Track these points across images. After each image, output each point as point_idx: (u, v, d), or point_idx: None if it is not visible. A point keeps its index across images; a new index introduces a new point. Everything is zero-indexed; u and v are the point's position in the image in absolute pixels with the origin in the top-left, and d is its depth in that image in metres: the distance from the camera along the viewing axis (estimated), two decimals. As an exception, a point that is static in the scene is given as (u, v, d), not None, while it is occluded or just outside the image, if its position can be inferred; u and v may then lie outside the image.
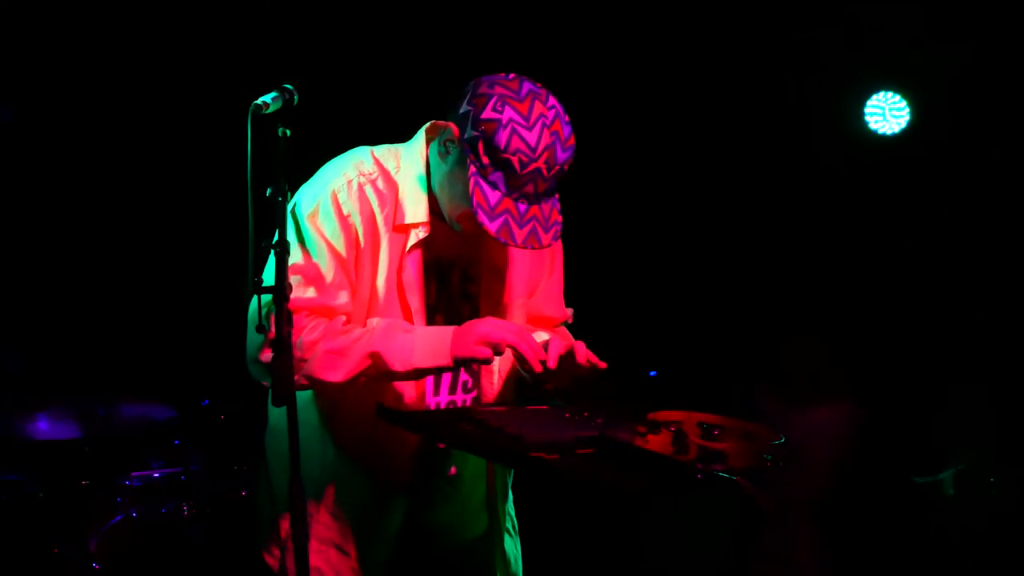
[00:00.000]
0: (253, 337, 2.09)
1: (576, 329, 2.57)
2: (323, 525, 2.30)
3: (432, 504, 2.36)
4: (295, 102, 2.05)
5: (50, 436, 3.85)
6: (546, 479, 1.88)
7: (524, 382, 2.41)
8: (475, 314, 2.36)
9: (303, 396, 2.29)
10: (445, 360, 2.13)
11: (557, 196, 2.22)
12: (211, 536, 3.81)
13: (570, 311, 2.63)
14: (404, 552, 2.31)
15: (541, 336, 2.36)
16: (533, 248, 2.17)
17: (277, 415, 2.37)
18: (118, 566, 3.66)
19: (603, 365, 2.22)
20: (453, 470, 2.39)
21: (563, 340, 2.22)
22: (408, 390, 2.29)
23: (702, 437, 2.09)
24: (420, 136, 2.32)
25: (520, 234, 2.14)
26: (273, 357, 1.89)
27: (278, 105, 2.01)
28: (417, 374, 2.16)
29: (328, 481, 2.30)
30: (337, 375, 2.13)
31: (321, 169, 2.30)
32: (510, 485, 2.51)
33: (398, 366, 2.12)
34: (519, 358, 2.12)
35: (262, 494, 2.41)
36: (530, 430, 1.98)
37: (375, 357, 2.13)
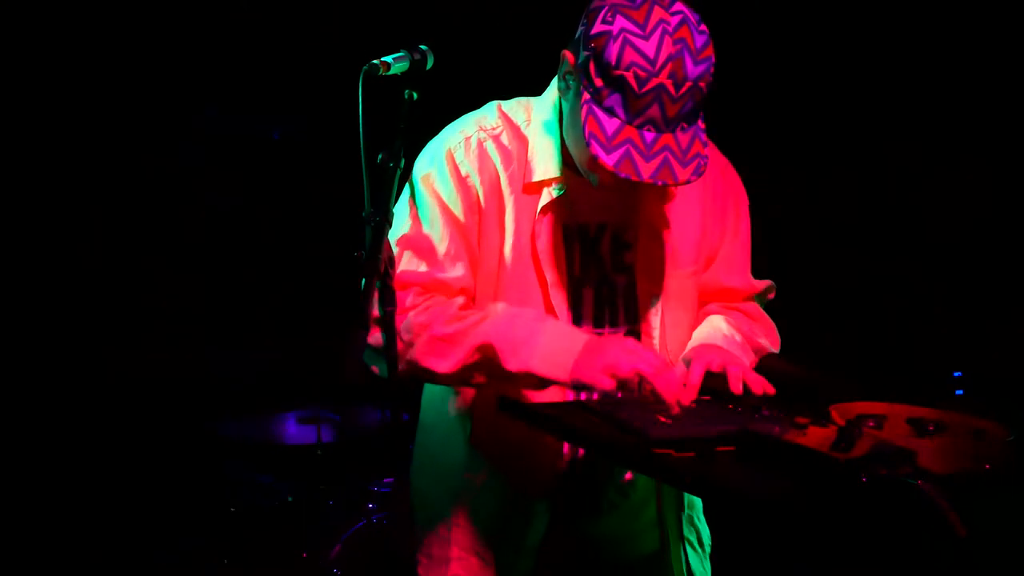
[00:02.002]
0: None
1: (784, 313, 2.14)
2: (463, 531, 2.07)
3: (595, 513, 2.05)
4: (429, 65, 1.84)
5: (297, 441, 3.91)
6: (671, 482, 1.53)
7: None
8: (631, 288, 2.00)
9: (440, 387, 2.07)
10: (563, 376, 1.81)
11: (702, 124, 1.83)
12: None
13: (766, 283, 2.19)
14: (553, 564, 2.01)
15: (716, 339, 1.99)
16: (667, 184, 1.80)
17: (426, 409, 2.17)
18: (358, 572, 3.63)
19: (771, 391, 1.80)
20: (628, 476, 2.06)
21: (711, 358, 1.84)
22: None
23: (910, 435, 1.63)
24: (554, 83, 2.01)
25: (647, 168, 1.77)
26: (353, 332, 1.67)
27: (403, 66, 1.81)
28: (532, 380, 1.85)
29: (469, 480, 2.06)
30: (443, 365, 1.87)
31: (443, 129, 2.07)
32: None
33: (513, 364, 1.83)
34: (654, 394, 1.77)
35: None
36: (663, 424, 1.63)
37: (486, 350, 1.84)
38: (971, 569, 1.45)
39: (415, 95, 1.80)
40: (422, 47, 1.83)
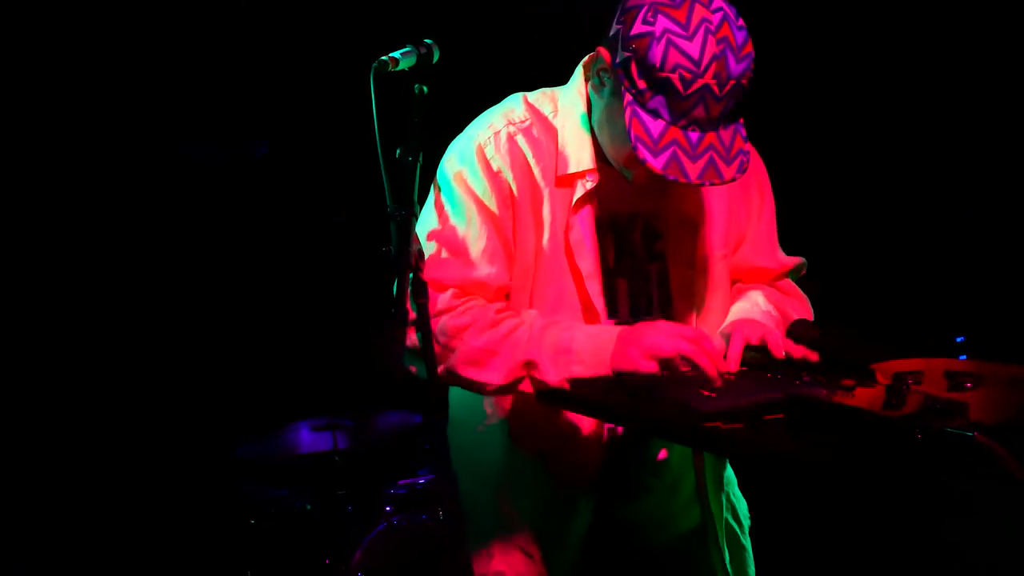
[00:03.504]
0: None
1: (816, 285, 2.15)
2: (505, 526, 2.04)
3: (631, 497, 2.04)
4: (435, 59, 1.84)
5: (312, 449, 3.88)
6: (723, 455, 1.52)
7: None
8: (664, 275, 2.00)
9: None
10: (605, 369, 1.81)
11: (741, 120, 1.83)
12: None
13: (798, 260, 2.20)
14: (596, 554, 2.00)
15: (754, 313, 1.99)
16: (713, 184, 1.79)
17: (456, 405, 2.15)
18: (382, 575, 3.61)
19: (813, 357, 1.81)
20: (663, 454, 2.06)
21: (750, 331, 1.84)
22: None
23: (949, 389, 1.64)
24: (578, 73, 2.00)
25: (694, 168, 1.77)
26: (391, 328, 1.66)
27: (411, 61, 1.81)
28: (576, 384, 1.85)
29: (507, 474, 2.04)
30: (487, 376, 1.88)
31: (470, 124, 2.05)
32: (728, 465, 2.13)
33: (553, 377, 1.83)
34: (696, 369, 1.76)
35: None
36: (708, 397, 1.62)
37: (529, 366, 1.85)
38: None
39: (425, 89, 1.79)
40: (427, 41, 1.83)
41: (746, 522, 2.18)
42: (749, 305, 2.05)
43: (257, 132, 4.11)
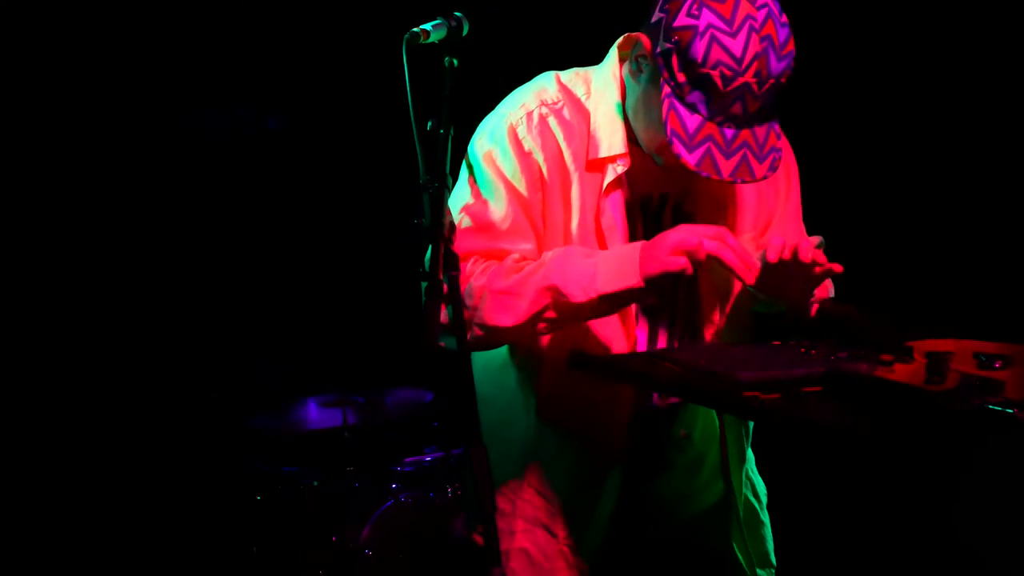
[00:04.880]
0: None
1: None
2: (529, 503, 2.03)
3: (654, 473, 2.04)
4: (464, 31, 1.82)
5: (320, 425, 3.89)
6: (763, 423, 1.53)
7: (759, 324, 2.05)
8: None
9: (499, 356, 2.05)
10: (634, 279, 1.77)
11: (776, 118, 1.83)
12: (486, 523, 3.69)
13: (817, 239, 2.20)
14: (620, 531, 2.00)
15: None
16: (744, 182, 1.79)
17: (483, 382, 2.13)
18: (388, 552, 3.62)
19: (838, 268, 1.81)
20: (683, 433, 2.06)
21: (779, 241, 1.81)
22: (616, 342, 1.98)
23: (979, 368, 1.65)
24: (613, 54, 1.98)
25: (727, 166, 1.76)
26: (426, 302, 1.66)
27: (442, 34, 1.79)
28: (604, 305, 1.81)
29: (532, 452, 2.03)
30: (511, 317, 1.84)
31: (501, 102, 2.03)
32: (748, 443, 2.13)
33: (579, 295, 1.80)
34: (724, 267, 1.75)
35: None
36: (746, 367, 1.63)
37: (553, 291, 1.82)
38: None
39: (455, 62, 1.78)
40: (457, 14, 1.82)
41: (764, 499, 2.19)
42: None
43: (275, 103, 4.09)
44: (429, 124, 1.72)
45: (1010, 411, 1.41)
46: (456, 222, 1.90)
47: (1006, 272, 3.21)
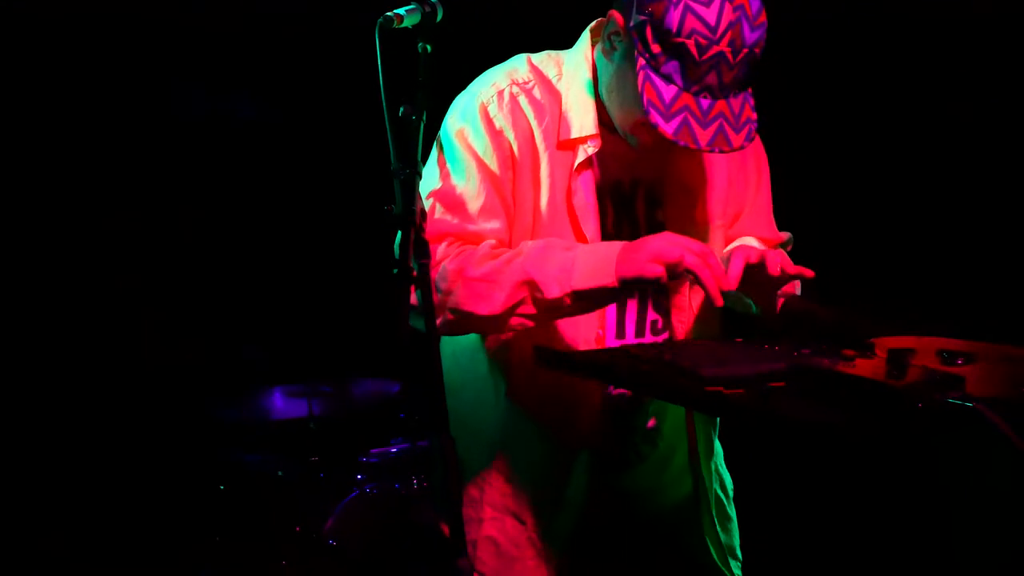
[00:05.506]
0: None
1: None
2: (497, 491, 2.04)
3: (624, 466, 2.05)
4: (439, 17, 1.82)
5: (286, 415, 3.86)
6: (727, 419, 1.54)
7: (726, 317, 2.07)
8: None
9: (469, 343, 2.06)
10: (609, 279, 1.78)
11: (750, 89, 1.84)
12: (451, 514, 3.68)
13: (786, 235, 2.23)
14: (590, 521, 2.01)
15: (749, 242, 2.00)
16: (722, 151, 1.81)
17: (452, 369, 2.14)
18: (353, 543, 3.61)
19: (809, 273, 1.83)
20: (652, 422, 2.07)
21: (748, 252, 1.83)
22: (586, 332, 1.98)
23: (942, 365, 1.67)
24: (585, 38, 2.00)
25: (704, 135, 1.78)
26: (398, 287, 1.66)
27: (415, 19, 1.79)
28: (579, 300, 1.82)
29: (502, 441, 2.04)
30: (486, 307, 1.84)
31: (473, 82, 2.04)
32: (716, 437, 2.15)
33: (555, 290, 1.80)
34: (698, 282, 1.77)
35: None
36: (710, 363, 1.64)
37: (529, 285, 1.82)
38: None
39: (429, 47, 1.78)
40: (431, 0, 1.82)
41: (731, 492, 2.21)
42: (743, 242, 2.07)
43: (247, 88, 4.06)
44: (401, 110, 1.72)
45: (969, 405, 1.44)
46: (427, 201, 1.91)
47: (979, 270, 3.25)
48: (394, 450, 3.89)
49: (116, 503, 3.83)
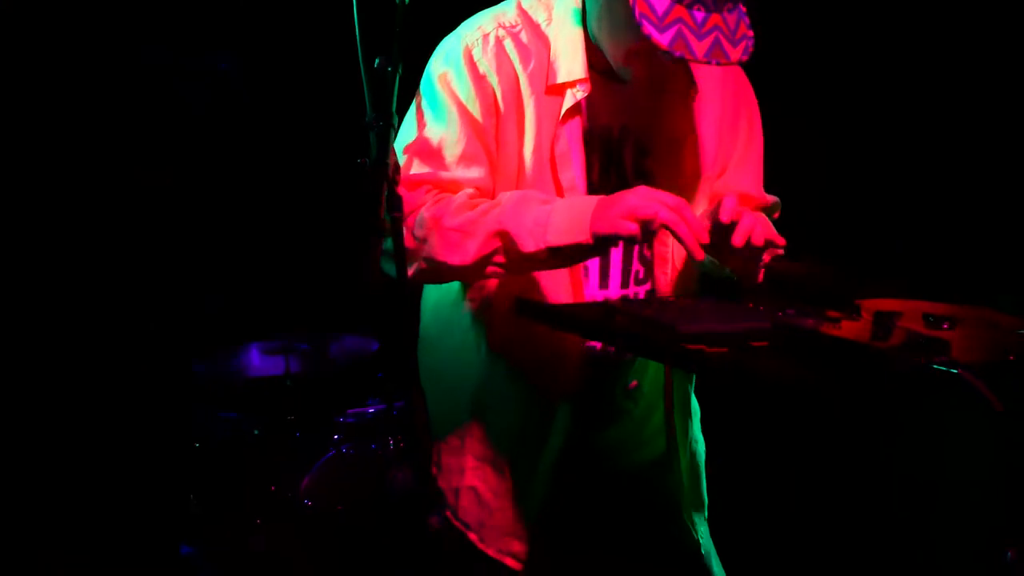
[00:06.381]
0: None
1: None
2: (479, 441, 2.03)
3: (604, 422, 2.03)
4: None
5: (262, 373, 3.82)
6: (708, 377, 1.51)
7: (709, 273, 2.03)
8: None
9: (451, 295, 2.02)
10: (583, 236, 1.74)
11: (744, 8, 1.79)
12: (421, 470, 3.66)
13: (774, 199, 2.19)
14: (569, 473, 1.99)
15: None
16: (719, 63, 1.75)
17: (430, 321, 2.11)
18: (328, 503, 3.58)
19: (780, 241, 1.78)
20: (634, 383, 2.05)
21: (731, 210, 1.79)
22: (569, 282, 1.95)
23: (927, 328, 1.64)
24: None
25: (700, 47, 1.72)
26: (369, 241, 1.62)
27: (394, -30, 1.73)
28: (554, 256, 1.78)
29: (483, 391, 2.02)
30: (460, 256, 1.80)
31: (460, 25, 2.00)
32: (693, 396, 2.13)
33: (529, 244, 1.76)
34: (675, 237, 1.72)
35: None
36: (692, 320, 1.60)
37: (503, 236, 1.78)
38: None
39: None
40: None
41: (703, 455, 2.20)
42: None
43: (223, 41, 3.97)
44: (377, 61, 1.67)
45: (954, 371, 1.41)
46: (404, 152, 1.87)
47: (969, 235, 3.23)
48: (371, 410, 3.85)
49: (88, 461, 3.79)
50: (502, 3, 2.00)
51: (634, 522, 2.10)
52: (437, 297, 2.04)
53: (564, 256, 1.79)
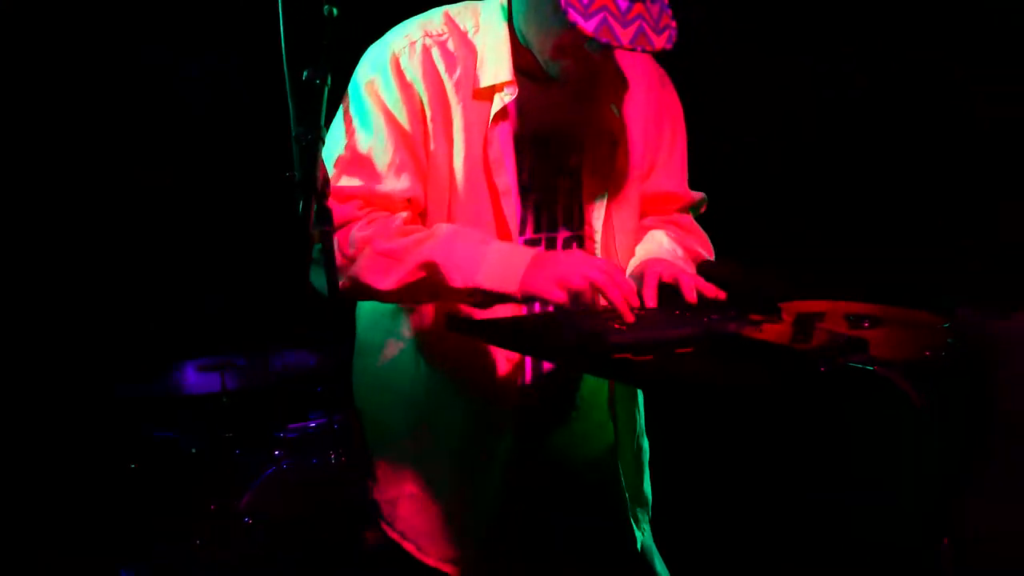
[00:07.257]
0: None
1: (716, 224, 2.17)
2: (418, 451, 2.03)
3: (546, 428, 2.05)
4: (348, -20, 1.77)
5: (198, 390, 3.77)
6: (636, 386, 1.54)
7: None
8: (576, 190, 2.00)
9: (389, 305, 2.03)
10: (512, 287, 1.78)
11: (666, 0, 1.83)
12: (362, 484, 3.65)
13: (700, 195, 2.22)
14: (511, 478, 2.00)
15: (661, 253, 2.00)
16: (644, 51, 1.78)
17: (367, 330, 2.11)
18: (269, 520, 3.55)
19: (722, 295, 1.82)
20: (571, 385, 2.07)
21: (662, 268, 1.85)
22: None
23: (849, 328, 1.69)
24: None
25: (625, 34, 1.75)
26: (297, 257, 1.62)
27: (323, -18, 1.74)
28: (479, 296, 1.81)
29: (424, 402, 2.02)
30: (385, 282, 1.82)
31: (387, 33, 2.00)
32: (639, 401, 2.16)
33: (458, 280, 1.79)
34: (608, 301, 1.75)
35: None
36: (618, 330, 1.63)
37: (430, 268, 1.81)
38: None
39: (335, 11, 1.74)
40: None
41: (647, 452, 2.22)
42: (654, 246, 2.07)
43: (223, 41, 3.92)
44: (305, 74, 1.67)
45: (870, 368, 1.45)
46: (333, 163, 1.87)
47: (895, 232, 3.30)
48: (312, 424, 3.83)
49: (23, 484, 3.71)
50: (429, 11, 2.00)
51: (577, 523, 2.11)
52: (375, 308, 2.05)
53: (489, 298, 1.82)
